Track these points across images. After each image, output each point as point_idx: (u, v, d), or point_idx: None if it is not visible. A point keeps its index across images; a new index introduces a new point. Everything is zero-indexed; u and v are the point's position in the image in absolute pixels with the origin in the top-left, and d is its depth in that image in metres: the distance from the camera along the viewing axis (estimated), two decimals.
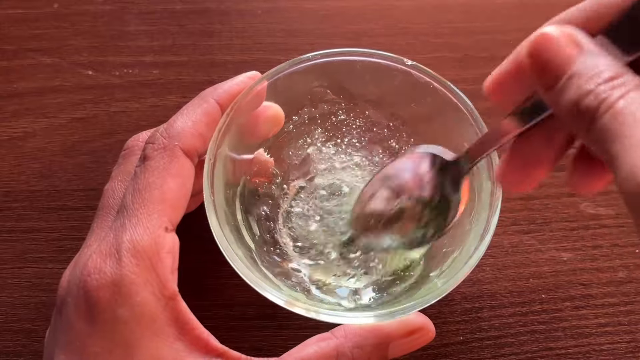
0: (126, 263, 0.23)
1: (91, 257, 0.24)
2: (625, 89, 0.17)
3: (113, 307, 0.23)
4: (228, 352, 0.25)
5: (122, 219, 0.25)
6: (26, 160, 0.37)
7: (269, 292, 0.25)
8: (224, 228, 0.26)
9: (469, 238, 0.27)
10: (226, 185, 0.29)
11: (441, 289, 0.25)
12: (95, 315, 0.23)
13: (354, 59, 0.31)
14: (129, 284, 0.23)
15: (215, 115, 0.28)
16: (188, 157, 0.27)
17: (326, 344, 0.25)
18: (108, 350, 0.23)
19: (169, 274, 0.24)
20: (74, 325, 0.23)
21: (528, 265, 0.34)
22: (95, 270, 0.24)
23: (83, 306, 0.23)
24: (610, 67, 0.18)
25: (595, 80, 0.18)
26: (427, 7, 0.45)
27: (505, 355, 0.31)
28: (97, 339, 0.23)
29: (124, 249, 0.24)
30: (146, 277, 0.24)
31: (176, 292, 0.24)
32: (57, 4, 0.44)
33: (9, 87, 0.40)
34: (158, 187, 0.25)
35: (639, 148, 0.16)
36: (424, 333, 0.26)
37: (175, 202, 0.26)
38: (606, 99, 0.17)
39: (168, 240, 0.25)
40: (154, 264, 0.24)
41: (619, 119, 0.17)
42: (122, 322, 0.23)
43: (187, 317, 0.24)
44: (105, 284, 0.23)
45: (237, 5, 0.44)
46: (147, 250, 0.24)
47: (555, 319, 0.32)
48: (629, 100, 0.17)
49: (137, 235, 0.24)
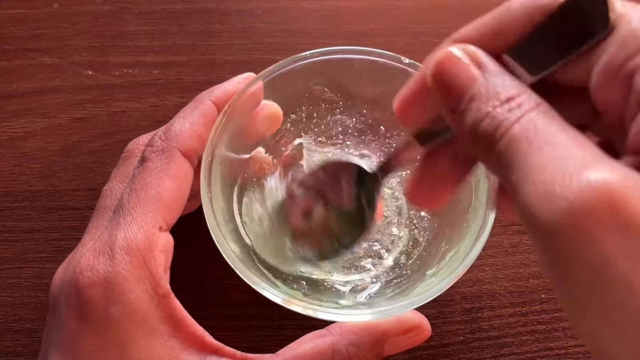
0: (119, 260, 0.23)
1: (84, 255, 0.24)
2: (522, 110, 0.16)
3: (105, 305, 0.23)
4: (223, 349, 0.25)
5: (118, 218, 0.25)
6: (26, 160, 0.37)
7: (266, 290, 0.25)
8: (222, 226, 0.27)
9: (466, 236, 0.27)
10: (224, 184, 0.29)
11: (437, 287, 0.25)
12: (88, 313, 0.23)
13: (351, 57, 0.31)
14: (122, 282, 0.23)
15: (212, 116, 0.28)
16: (187, 158, 0.27)
17: (322, 341, 0.25)
18: (101, 348, 0.23)
19: (162, 272, 0.24)
20: (66, 323, 0.23)
21: (528, 265, 0.34)
22: (87, 267, 0.24)
23: (75, 304, 0.23)
24: (509, 87, 0.17)
25: (492, 102, 0.16)
26: (427, 7, 0.45)
27: (505, 355, 0.31)
28: (90, 337, 0.23)
29: (118, 246, 0.24)
30: (139, 275, 0.23)
31: (169, 290, 0.24)
32: (57, 4, 0.44)
33: (9, 87, 0.40)
34: (155, 187, 0.25)
35: (533, 178, 0.14)
36: (419, 331, 0.26)
37: (171, 202, 0.26)
38: (502, 122, 0.16)
39: (162, 239, 0.25)
40: (147, 262, 0.24)
41: (514, 145, 0.15)
42: (115, 320, 0.23)
43: (181, 314, 0.24)
44: (98, 282, 0.23)
45: (237, 5, 0.44)
46: (141, 248, 0.24)
47: (555, 319, 0.32)
48: (525, 124, 0.15)
49: (131, 233, 0.24)
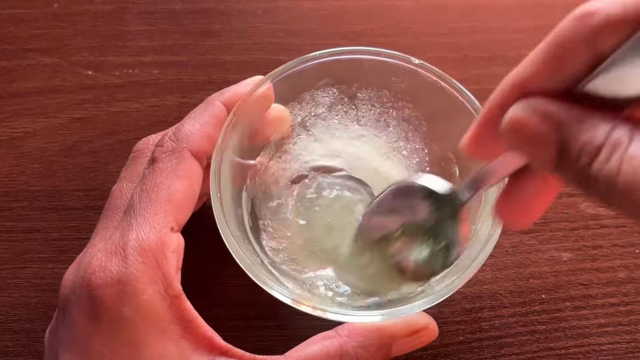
0: (132, 261, 0.23)
1: (96, 255, 0.24)
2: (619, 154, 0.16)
3: (118, 306, 0.23)
4: (232, 350, 0.25)
5: (129, 219, 0.25)
6: (26, 160, 0.37)
7: (276, 290, 0.25)
8: (231, 226, 0.26)
9: (475, 238, 0.27)
10: (233, 183, 0.29)
11: (446, 289, 0.25)
12: (100, 313, 0.23)
13: (361, 57, 0.31)
14: (135, 282, 0.23)
15: (222, 118, 0.28)
16: (196, 159, 0.27)
17: (330, 343, 0.25)
18: (113, 349, 0.23)
19: (174, 273, 0.24)
20: (78, 323, 0.23)
21: (528, 265, 0.34)
22: (100, 268, 0.24)
23: (87, 304, 0.23)
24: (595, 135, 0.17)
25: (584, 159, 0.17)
26: (427, 7, 0.45)
27: (505, 355, 0.31)
28: (102, 337, 0.23)
29: (130, 247, 0.24)
30: (152, 276, 0.24)
31: (181, 291, 0.24)
32: (57, 4, 0.44)
33: (9, 87, 0.40)
34: (165, 187, 0.25)
35: None
36: (427, 332, 0.26)
37: (182, 203, 0.26)
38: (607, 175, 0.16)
39: (174, 240, 0.25)
40: (160, 263, 0.24)
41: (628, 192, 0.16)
42: (127, 321, 0.23)
43: (192, 315, 0.24)
44: (111, 282, 0.23)
45: (237, 5, 0.44)
46: (153, 248, 0.24)
47: (555, 319, 0.32)
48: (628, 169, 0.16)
49: (143, 234, 0.24)
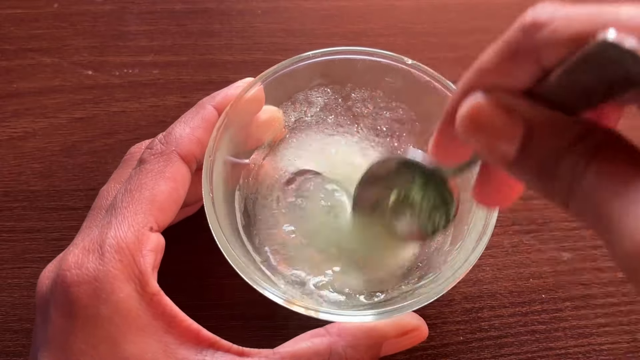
0: (109, 259, 0.23)
1: (72, 252, 0.24)
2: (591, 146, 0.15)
3: (95, 304, 0.23)
4: (219, 342, 0.25)
5: (109, 217, 0.25)
6: (26, 160, 0.37)
7: (268, 290, 0.25)
8: (223, 226, 0.26)
9: (467, 238, 0.27)
10: (226, 183, 0.29)
11: (438, 289, 0.25)
12: (76, 311, 0.23)
13: (354, 57, 0.31)
14: (112, 280, 0.23)
15: (213, 121, 0.28)
16: (185, 162, 0.27)
17: (320, 341, 0.25)
18: (92, 345, 0.23)
19: (151, 271, 0.24)
20: (55, 322, 0.23)
21: (528, 265, 0.34)
22: (75, 265, 0.24)
23: (63, 302, 0.23)
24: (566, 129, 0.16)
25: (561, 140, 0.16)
26: (427, 7, 0.45)
27: (505, 355, 0.31)
28: (80, 334, 0.23)
29: (108, 244, 0.24)
30: (128, 274, 0.23)
31: (158, 288, 0.24)
32: (57, 4, 0.44)
33: (9, 87, 0.40)
34: (149, 188, 0.25)
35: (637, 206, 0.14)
36: (417, 333, 0.27)
37: (165, 204, 0.26)
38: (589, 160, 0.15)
39: (152, 239, 0.25)
40: (137, 261, 0.24)
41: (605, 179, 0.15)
42: (105, 318, 0.23)
43: (174, 311, 0.24)
44: (87, 280, 0.23)
45: (237, 5, 0.44)
46: (131, 247, 0.24)
47: (555, 319, 0.32)
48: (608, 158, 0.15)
49: (121, 232, 0.24)
